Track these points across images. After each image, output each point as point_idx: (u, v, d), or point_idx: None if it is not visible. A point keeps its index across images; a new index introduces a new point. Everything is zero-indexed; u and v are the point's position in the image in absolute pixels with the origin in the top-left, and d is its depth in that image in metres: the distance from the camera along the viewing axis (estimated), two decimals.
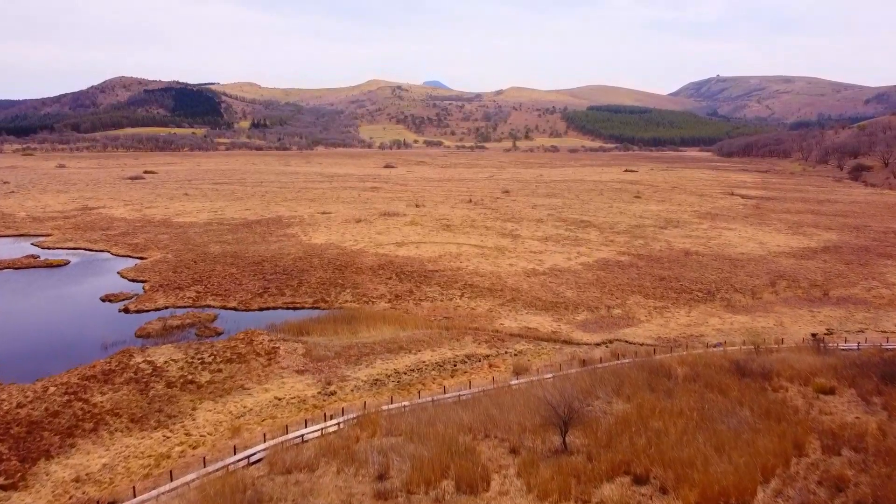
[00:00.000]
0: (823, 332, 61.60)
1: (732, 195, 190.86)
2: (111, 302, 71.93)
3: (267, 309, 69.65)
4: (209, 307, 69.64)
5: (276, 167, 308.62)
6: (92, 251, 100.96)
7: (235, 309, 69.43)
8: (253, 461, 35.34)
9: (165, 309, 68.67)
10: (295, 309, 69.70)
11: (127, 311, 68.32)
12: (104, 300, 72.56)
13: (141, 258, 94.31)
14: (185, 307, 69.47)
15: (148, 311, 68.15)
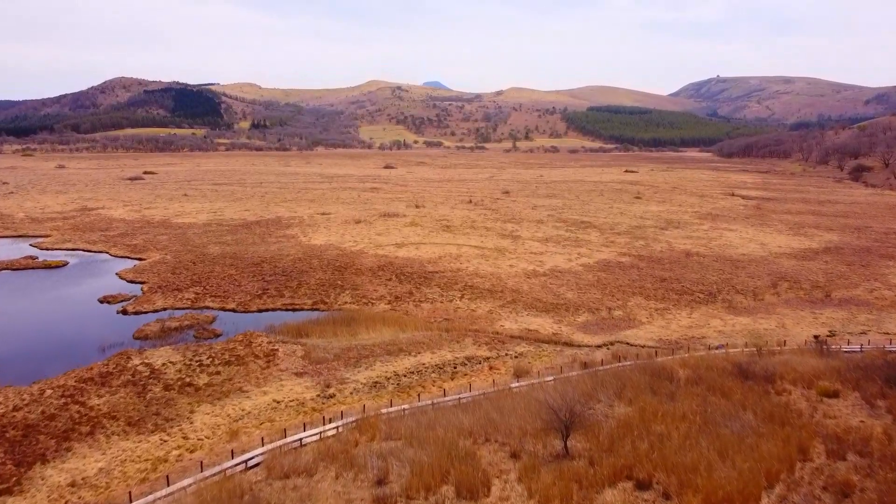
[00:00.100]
0: (826, 334, 61.20)
1: (733, 196, 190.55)
2: (109, 303, 71.55)
3: (266, 310, 69.27)
4: (208, 309, 69.27)
5: (275, 168, 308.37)
6: (90, 252, 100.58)
7: (234, 310, 69.06)
8: (251, 465, 34.95)
9: (164, 310, 68.30)
10: (294, 310, 69.34)
11: (125, 312, 67.94)
12: (102, 301, 72.19)
13: (140, 259, 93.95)
14: (183, 309, 69.10)
15: (146, 312, 67.78)
